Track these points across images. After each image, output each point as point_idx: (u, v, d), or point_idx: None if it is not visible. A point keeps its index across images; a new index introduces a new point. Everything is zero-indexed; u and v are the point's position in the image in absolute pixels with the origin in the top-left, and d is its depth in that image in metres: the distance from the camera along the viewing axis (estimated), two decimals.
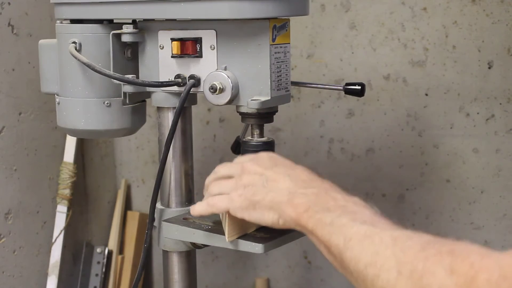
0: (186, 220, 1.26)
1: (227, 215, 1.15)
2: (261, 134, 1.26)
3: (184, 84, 1.24)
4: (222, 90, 1.20)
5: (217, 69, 1.22)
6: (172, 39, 1.24)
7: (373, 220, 0.90)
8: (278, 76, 1.21)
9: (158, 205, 1.33)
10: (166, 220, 1.26)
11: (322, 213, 0.93)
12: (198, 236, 1.21)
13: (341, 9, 1.85)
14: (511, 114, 1.76)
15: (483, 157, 1.80)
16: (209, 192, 1.13)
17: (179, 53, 1.24)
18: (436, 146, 1.84)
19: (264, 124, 1.27)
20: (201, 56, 1.23)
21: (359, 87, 1.30)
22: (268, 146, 1.25)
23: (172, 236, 1.26)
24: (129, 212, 2.10)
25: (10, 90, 1.63)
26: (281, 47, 1.21)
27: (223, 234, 1.17)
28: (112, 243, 2.02)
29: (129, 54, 1.29)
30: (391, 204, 1.91)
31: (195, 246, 1.29)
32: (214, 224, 1.22)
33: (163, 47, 1.26)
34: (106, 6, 1.25)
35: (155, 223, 1.32)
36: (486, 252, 0.76)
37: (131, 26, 1.26)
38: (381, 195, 1.92)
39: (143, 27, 1.27)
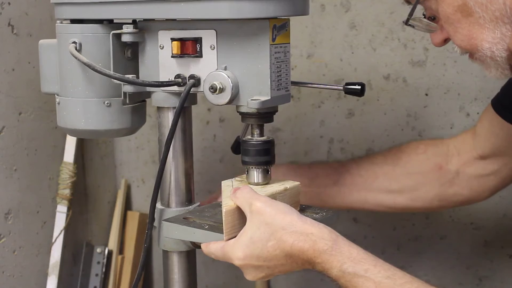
0: (186, 220, 1.26)
1: (225, 214, 1.15)
2: (261, 134, 1.27)
3: (184, 84, 1.24)
4: (222, 90, 1.20)
5: (217, 69, 1.22)
6: (172, 39, 1.24)
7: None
8: (278, 76, 1.21)
9: (158, 205, 1.33)
10: (166, 220, 1.26)
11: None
12: (198, 235, 1.21)
13: (341, 9, 1.85)
14: None
15: None
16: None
17: (179, 53, 1.24)
18: None
19: (264, 124, 1.27)
20: (201, 56, 1.23)
21: (359, 87, 1.31)
22: (268, 145, 1.26)
23: (173, 235, 1.25)
24: (129, 212, 2.10)
25: (10, 90, 1.63)
26: (281, 47, 1.22)
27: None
28: (112, 243, 2.02)
29: (129, 54, 1.29)
30: None
31: (195, 245, 1.29)
32: (214, 223, 1.22)
33: (163, 47, 1.26)
34: (106, 6, 1.25)
35: (155, 223, 1.32)
36: None
37: (131, 26, 1.26)
38: None
39: (143, 27, 1.27)
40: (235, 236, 1.16)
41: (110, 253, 1.99)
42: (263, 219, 1.12)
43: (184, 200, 1.33)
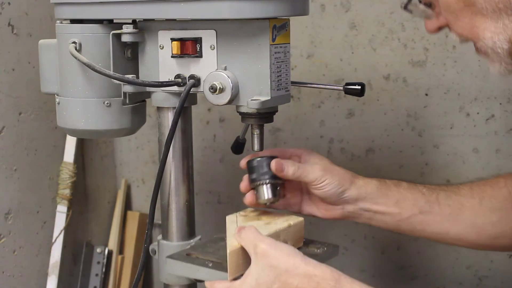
0: (189, 256, 1.26)
1: (229, 255, 1.16)
2: (261, 134, 1.27)
3: (184, 84, 1.24)
4: (222, 90, 1.20)
5: (217, 69, 1.22)
6: (172, 39, 1.24)
7: None
8: (278, 76, 1.21)
9: (159, 238, 1.35)
10: (169, 256, 1.27)
11: None
12: (203, 274, 1.22)
13: (341, 9, 1.85)
14: (511, 114, 1.76)
15: (483, 157, 1.80)
16: None
17: (179, 53, 1.24)
18: (436, 146, 1.84)
19: (264, 124, 1.27)
20: (201, 56, 1.23)
21: (359, 87, 1.31)
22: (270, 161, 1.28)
23: (176, 272, 1.27)
24: (129, 212, 2.10)
25: (10, 90, 1.63)
26: (281, 47, 1.22)
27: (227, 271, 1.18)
28: (112, 243, 2.02)
29: (129, 54, 1.29)
30: None
31: (198, 280, 1.30)
32: (218, 260, 1.23)
33: (163, 47, 1.26)
34: (106, 6, 1.25)
35: (156, 256, 1.34)
36: None
37: (131, 26, 1.26)
38: None
39: (143, 27, 1.27)
40: (239, 276, 1.17)
41: (110, 253, 1.99)
42: (268, 261, 1.14)
43: (184, 200, 1.33)
